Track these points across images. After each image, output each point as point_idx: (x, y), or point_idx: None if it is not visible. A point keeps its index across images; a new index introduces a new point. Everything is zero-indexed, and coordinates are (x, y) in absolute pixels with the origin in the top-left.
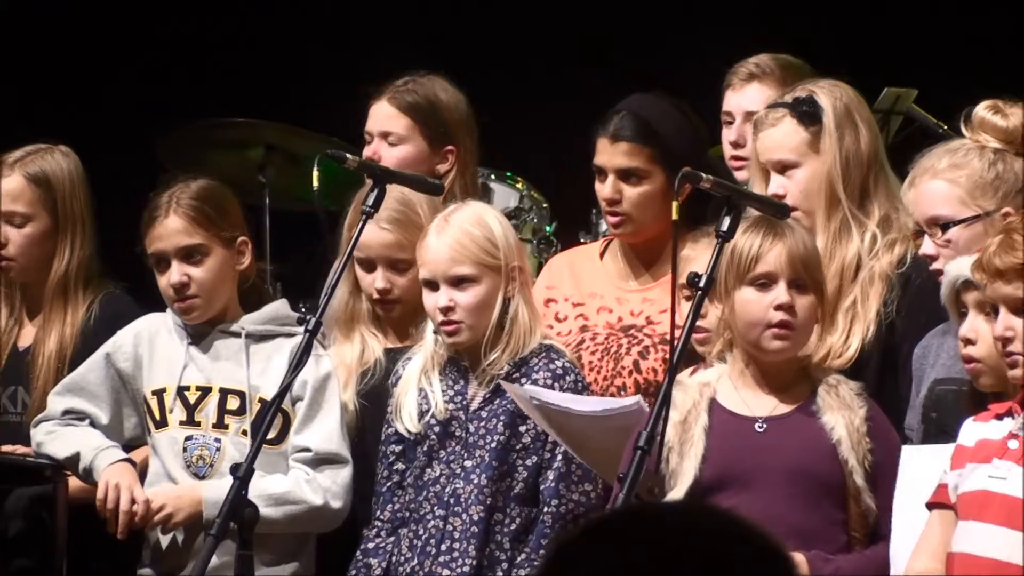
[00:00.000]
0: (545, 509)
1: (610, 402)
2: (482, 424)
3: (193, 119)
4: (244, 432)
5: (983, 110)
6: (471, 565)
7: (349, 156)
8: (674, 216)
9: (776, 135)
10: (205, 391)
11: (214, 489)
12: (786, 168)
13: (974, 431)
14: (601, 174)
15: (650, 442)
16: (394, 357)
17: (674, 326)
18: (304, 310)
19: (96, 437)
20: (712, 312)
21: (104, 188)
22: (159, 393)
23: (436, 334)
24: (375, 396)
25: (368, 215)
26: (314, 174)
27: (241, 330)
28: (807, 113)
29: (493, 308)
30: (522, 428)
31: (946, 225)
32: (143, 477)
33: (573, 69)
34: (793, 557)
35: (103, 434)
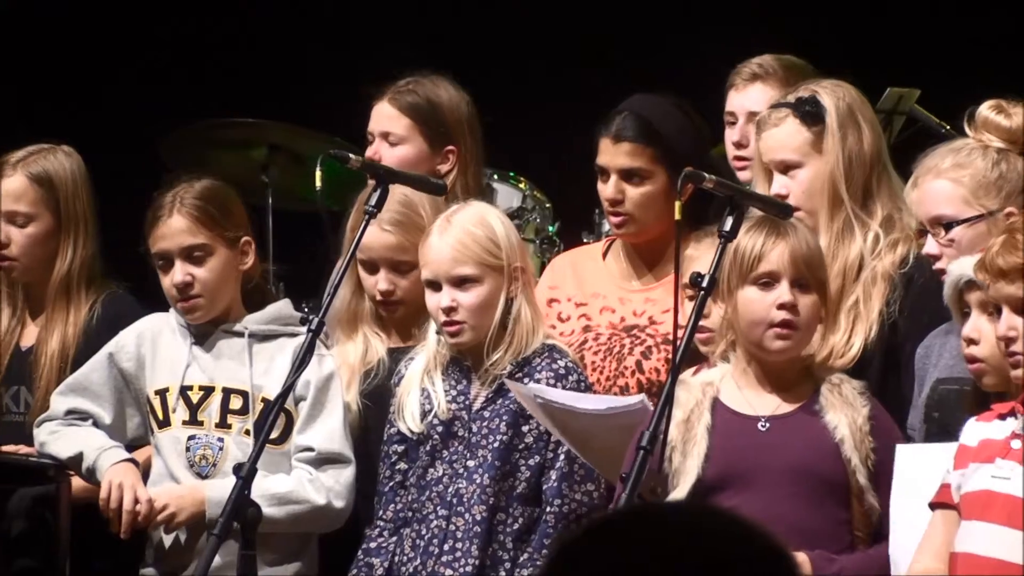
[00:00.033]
0: (548, 509)
1: (614, 400)
2: (485, 424)
3: (193, 119)
4: (247, 432)
5: (986, 110)
6: (474, 565)
7: (352, 156)
8: (676, 216)
9: (779, 135)
10: (208, 391)
11: (217, 489)
12: (789, 168)
13: (977, 431)
14: (603, 174)
15: (652, 442)
16: (397, 357)
17: (677, 326)
18: (307, 310)
19: (99, 437)
20: (715, 312)
21: (106, 188)
22: (162, 393)
23: (439, 334)
24: (378, 396)
25: (371, 215)
26: (317, 174)
27: (244, 330)
28: (810, 113)
29: (495, 308)
30: (525, 428)
31: (949, 225)
32: (146, 477)
33: (573, 69)
34: (796, 557)
35: (106, 434)
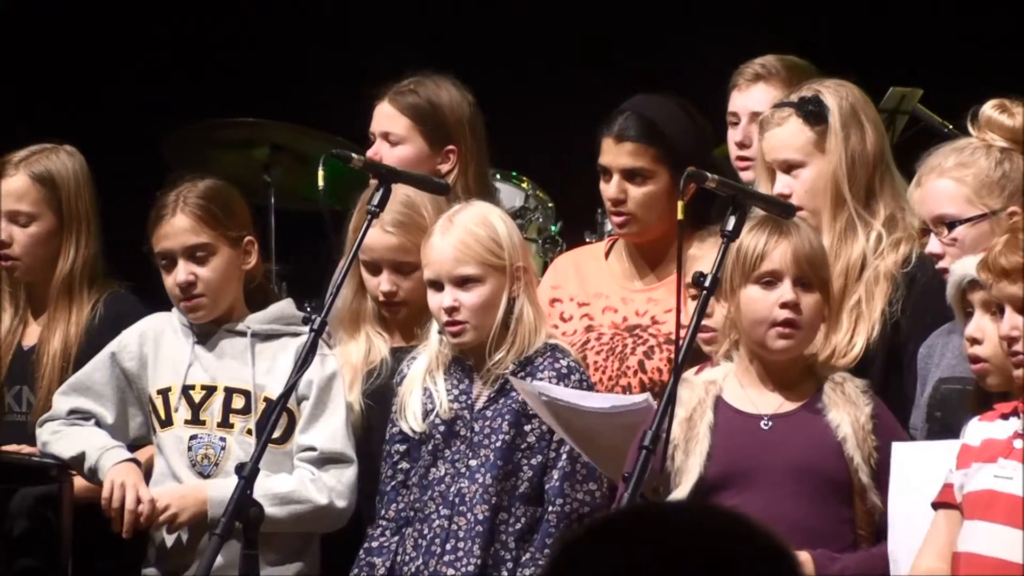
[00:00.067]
0: (550, 508)
1: (619, 399)
2: (487, 423)
3: (194, 119)
4: (249, 431)
5: (990, 109)
6: (476, 564)
7: (354, 156)
8: (679, 216)
9: (782, 134)
10: (210, 390)
11: (219, 488)
12: (792, 167)
13: (980, 431)
14: (606, 174)
15: (655, 441)
16: (400, 357)
17: (679, 325)
18: (309, 310)
19: (101, 437)
20: (718, 311)
21: (108, 188)
22: (164, 392)
23: (441, 334)
24: (380, 396)
25: (373, 215)
26: (319, 174)
27: (247, 329)
28: (813, 112)
29: (498, 308)
30: (527, 427)
31: (952, 224)
32: (148, 476)
33: (573, 69)
34: (798, 556)
35: (108, 434)
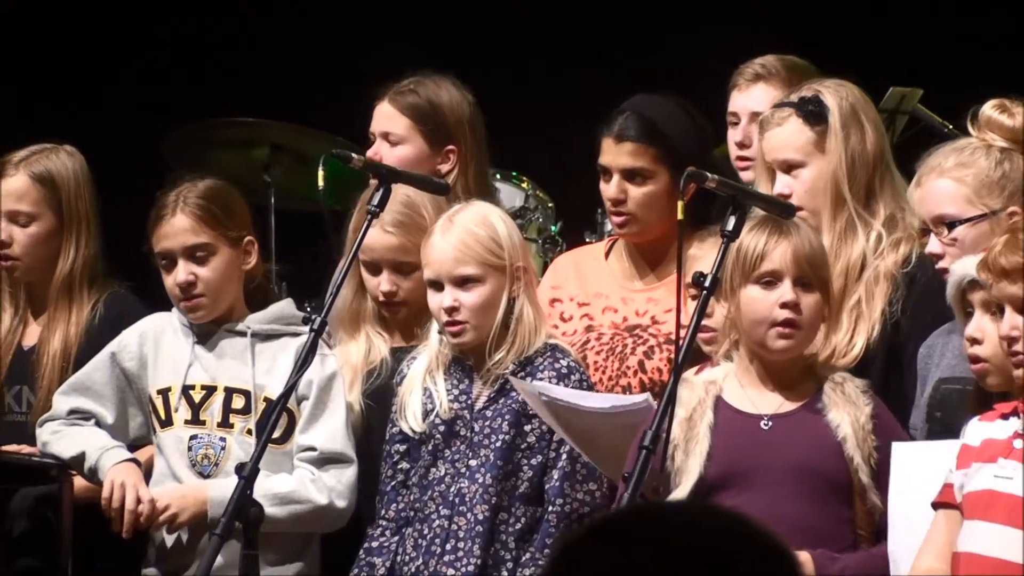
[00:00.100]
0: (550, 508)
1: (619, 399)
2: (487, 423)
3: (194, 119)
4: (249, 431)
5: (990, 109)
6: (476, 564)
7: (355, 156)
8: (679, 216)
9: (782, 134)
10: (210, 390)
11: (219, 488)
12: (792, 167)
13: (980, 431)
14: (606, 174)
15: (655, 442)
16: (400, 357)
17: (679, 325)
18: (309, 310)
19: (101, 437)
20: (718, 311)
21: (108, 188)
22: (164, 392)
23: (441, 334)
24: (381, 396)
25: (373, 215)
26: (319, 174)
27: (247, 329)
28: (813, 112)
29: (498, 308)
30: (527, 427)
31: (952, 224)
32: (148, 477)
33: (573, 69)
34: (798, 556)
35: (108, 434)
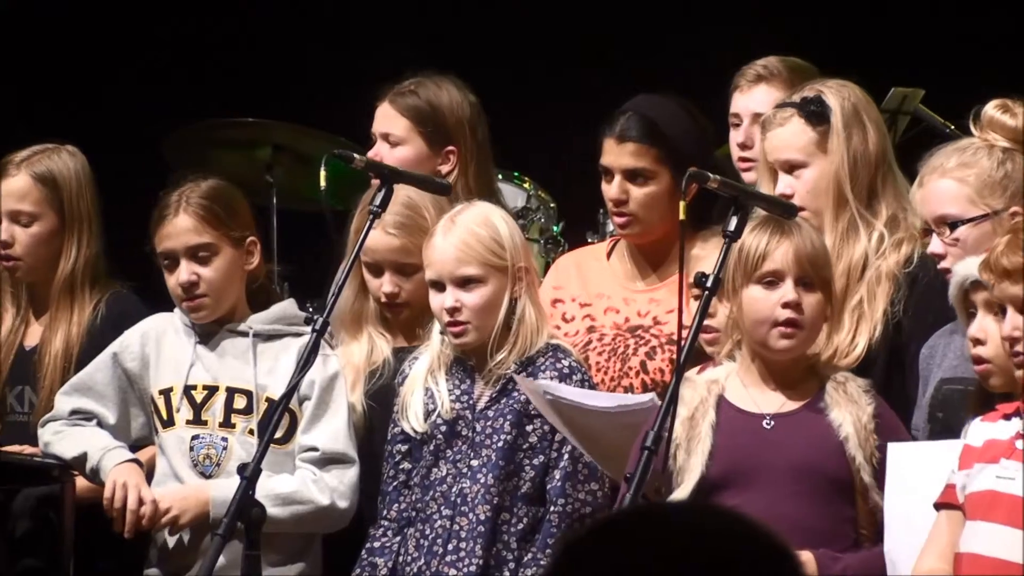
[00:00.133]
0: (551, 508)
1: (625, 398)
2: (489, 423)
3: (193, 119)
4: (251, 431)
5: (992, 109)
6: (478, 565)
7: (356, 156)
8: (681, 216)
9: (784, 135)
10: (212, 390)
11: (221, 488)
12: (794, 168)
13: (982, 431)
14: (607, 174)
15: (657, 442)
16: (402, 357)
17: (681, 326)
18: (311, 310)
19: (103, 437)
20: (721, 311)
21: (109, 188)
22: (166, 392)
23: (443, 334)
24: (383, 396)
25: (375, 215)
26: (321, 174)
27: (249, 329)
28: (815, 113)
29: (499, 309)
30: (529, 427)
31: (954, 224)
32: (150, 477)
33: (573, 69)
34: (800, 555)
35: (110, 434)
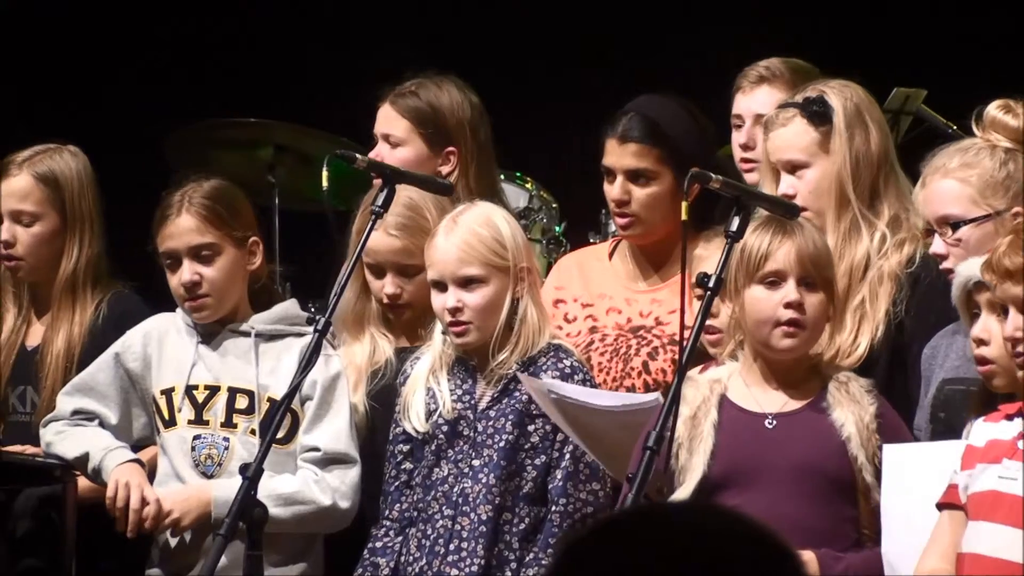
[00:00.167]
0: (553, 508)
1: (629, 397)
2: (490, 423)
3: (194, 119)
4: (252, 431)
5: (994, 109)
6: (479, 565)
7: (358, 156)
8: (683, 217)
9: (786, 135)
10: (213, 390)
11: (223, 488)
12: (796, 168)
13: (984, 431)
14: (610, 175)
15: (659, 442)
16: (404, 358)
17: (683, 326)
18: (313, 310)
19: (105, 437)
20: (723, 311)
21: (110, 188)
22: (168, 392)
23: (444, 334)
24: (385, 396)
25: (377, 215)
26: (324, 174)
27: (251, 329)
28: (817, 113)
29: (501, 309)
30: (531, 427)
31: (956, 224)
32: (152, 477)
33: (573, 69)
34: (801, 555)
35: (112, 434)
